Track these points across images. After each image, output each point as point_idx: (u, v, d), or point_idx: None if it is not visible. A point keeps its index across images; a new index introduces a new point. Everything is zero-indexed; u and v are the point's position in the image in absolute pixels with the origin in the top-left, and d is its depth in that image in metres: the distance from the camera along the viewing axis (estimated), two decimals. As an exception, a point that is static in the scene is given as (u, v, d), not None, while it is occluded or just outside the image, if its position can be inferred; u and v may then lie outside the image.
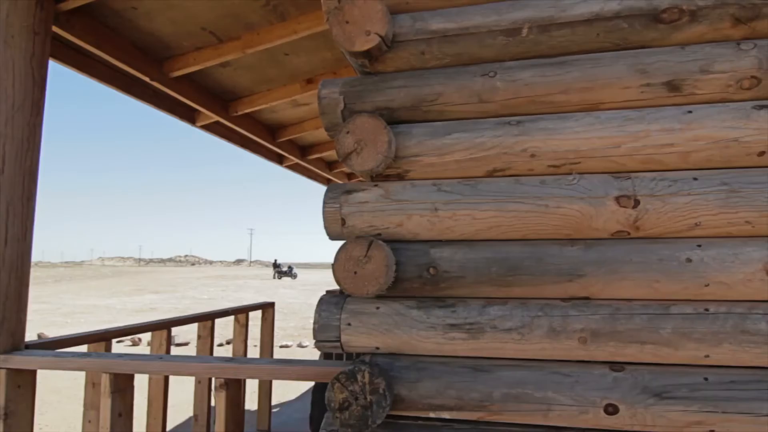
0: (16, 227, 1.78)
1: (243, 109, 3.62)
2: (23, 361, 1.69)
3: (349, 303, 1.24)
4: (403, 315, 1.20)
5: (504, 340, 1.15)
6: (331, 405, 1.12)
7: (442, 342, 1.17)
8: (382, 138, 1.19)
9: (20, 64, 1.82)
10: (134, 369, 1.56)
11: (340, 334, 1.22)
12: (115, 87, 2.93)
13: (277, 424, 3.96)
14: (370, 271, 1.16)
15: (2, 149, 1.78)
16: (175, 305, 17.31)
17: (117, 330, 2.30)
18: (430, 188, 1.22)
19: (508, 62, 1.24)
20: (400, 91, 1.26)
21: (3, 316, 1.74)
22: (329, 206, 1.25)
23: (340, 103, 1.28)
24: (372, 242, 1.17)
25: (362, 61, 1.28)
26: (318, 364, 1.47)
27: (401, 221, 1.22)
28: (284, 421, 4.13)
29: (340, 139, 1.21)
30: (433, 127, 1.24)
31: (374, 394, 1.11)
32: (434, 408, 1.16)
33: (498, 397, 1.13)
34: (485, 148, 1.20)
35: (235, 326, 3.46)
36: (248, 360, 1.51)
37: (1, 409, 1.70)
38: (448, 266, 1.19)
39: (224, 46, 2.83)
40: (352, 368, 1.13)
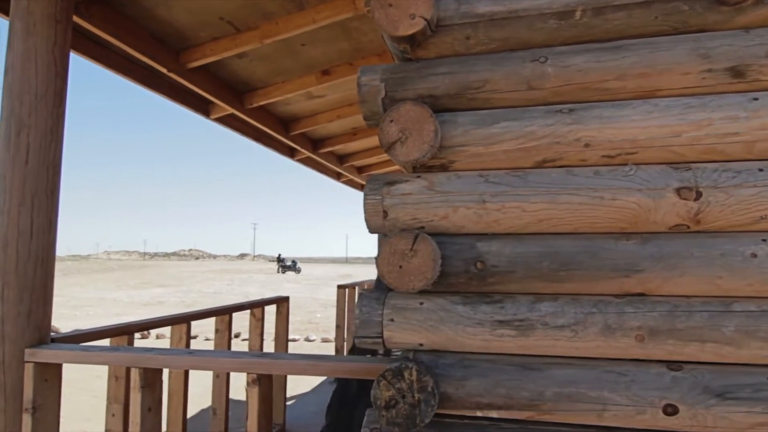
0: (41, 219, 1.75)
1: (258, 101, 3.57)
2: (51, 355, 1.66)
3: (391, 298, 1.19)
4: (448, 311, 1.16)
5: (556, 337, 1.10)
6: (377, 403, 1.08)
7: (490, 339, 1.13)
8: (428, 127, 1.14)
9: (42, 53, 1.78)
10: (165, 364, 1.53)
11: (382, 330, 1.18)
12: (131, 78, 2.88)
13: (291, 418, 3.93)
14: (416, 265, 1.11)
15: (26, 140, 1.74)
16: (182, 299, 17.39)
17: (139, 324, 2.27)
18: (477, 179, 1.18)
19: (559, 47, 1.18)
20: (445, 78, 1.21)
21: (29, 309, 1.71)
22: (370, 198, 1.20)
23: (380, 90, 1.23)
24: (418, 235, 1.12)
25: (404, 47, 1.23)
26: (352, 360, 1.43)
27: (446, 213, 1.17)
28: (298, 415, 4.11)
29: (383, 128, 1.17)
30: (480, 116, 1.19)
31: (422, 392, 1.07)
32: (482, 407, 1.12)
33: (550, 396, 1.09)
34: (536, 138, 1.15)
35: (251, 320, 3.43)
36: (281, 355, 1.48)
37: (30, 403, 1.67)
38: (497, 261, 1.14)
39: (241, 36, 2.79)
40: (398, 365, 1.09)
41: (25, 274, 1.71)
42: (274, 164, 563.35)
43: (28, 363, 1.69)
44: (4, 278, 1.69)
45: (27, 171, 1.73)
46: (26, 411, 1.68)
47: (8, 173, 1.72)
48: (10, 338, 1.68)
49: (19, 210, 1.71)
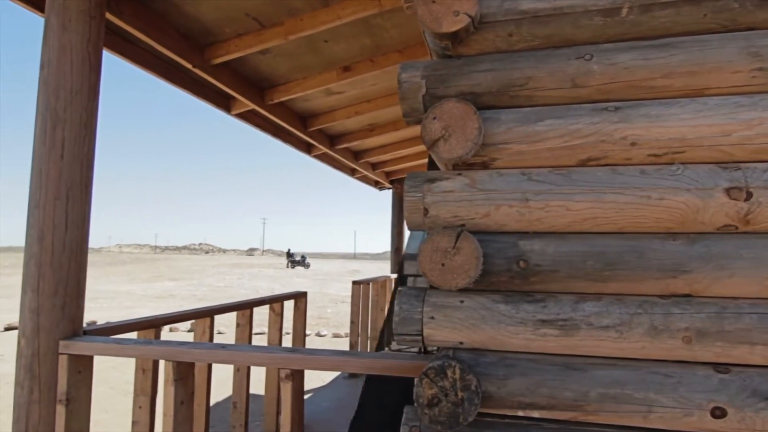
0: (75, 213, 1.77)
1: (278, 97, 3.58)
2: (85, 347, 1.69)
3: (431, 296, 1.19)
4: (489, 309, 1.15)
5: (600, 338, 1.09)
6: (420, 401, 1.08)
7: (532, 338, 1.13)
8: (472, 124, 1.13)
9: (77, 49, 1.80)
10: (199, 358, 1.54)
11: (422, 327, 1.18)
12: (156, 74, 2.90)
13: (307, 413, 3.96)
14: (459, 263, 1.11)
15: (62, 134, 1.76)
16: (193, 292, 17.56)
17: (165, 317, 2.30)
18: (520, 177, 1.17)
19: (604, 44, 1.17)
20: (487, 75, 1.20)
21: (64, 302, 1.74)
22: (411, 195, 1.20)
23: (421, 87, 1.23)
24: (461, 233, 1.12)
25: (446, 44, 1.23)
26: (386, 357, 1.43)
27: (488, 211, 1.17)
28: (313, 410, 4.14)
29: (426, 125, 1.16)
30: (523, 113, 1.18)
31: (466, 390, 1.07)
32: (524, 406, 1.12)
33: (594, 397, 1.08)
34: (581, 136, 1.13)
35: (270, 315, 3.45)
36: (315, 351, 1.48)
37: (64, 395, 1.70)
38: (540, 259, 1.13)
39: (266, 33, 2.79)
40: (441, 363, 1.09)
41: (60, 266, 1.73)
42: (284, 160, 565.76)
43: (63, 355, 1.72)
44: (39, 270, 1.71)
45: (62, 165, 1.76)
46: (60, 402, 1.71)
47: (44, 167, 1.74)
48: (45, 330, 1.71)
49: (54, 203, 1.73)
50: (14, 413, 1.72)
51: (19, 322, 1.74)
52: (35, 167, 1.76)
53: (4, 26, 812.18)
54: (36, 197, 1.74)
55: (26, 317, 1.71)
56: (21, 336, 1.72)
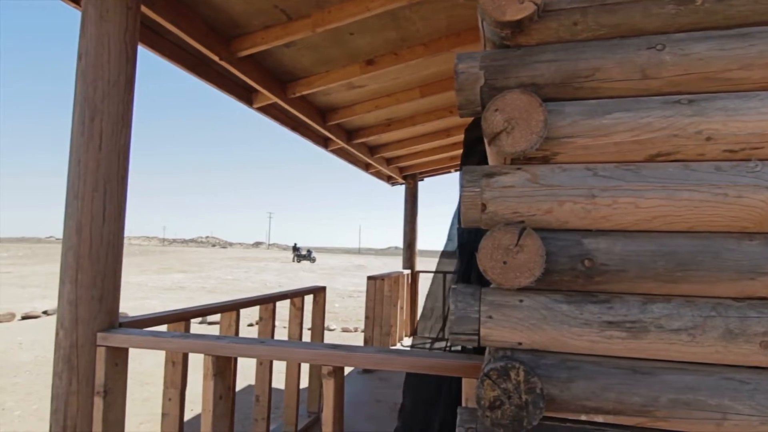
0: (113, 205, 1.75)
1: (301, 90, 3.55)
2: (123, 340, 1.67)
3: (488, 295, 1.15)
4: (551, 309, 1.11)
5: (671, 341, 1.05)
6: (481, 402, 1.05)
7: (597, 340, 1.08)
8: (537, 117, 1.09)
9: (115, 40, 1.77)
10: (239, 352, 1.52)
11: (479, 327, 1.14)
12: (182, 66, 2.88)
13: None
14: (522, 261, 1.07)
15: (99, 125, 1.74)
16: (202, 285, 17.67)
17: (195, 310, 2.28)
18: (585, 173, 1.12)
19: (676, 34, 1.11)
20: (550, 65, 1.15)
21: (101, 294, 1.72)
22: (468, 190, 1.16)
23: (479, 78, 1.18)
24: (524, 230, 1.08)
25: (506, 33, 1.18)
26: (430, 356, 1.40)
27: (551, 208, 1.13)
28: (332, 405, 4.12)
29: (487, 117, 1.12)
30: (589, 106, 1.13)
31: (530, 393, 1.03)
32: (588, 410, 1.08)
33: (665, 402, 1.04)
34: (652, 130, 1.09)
35: (291, 309, 3.44)
36: (356, 348, 1.46)
37: (101, 387, 1.69)
38: (606, 259, 1.09)
39: (293, 25, 2.76)
40: (504, 365, 1.05)
41: (98, 258, 1.72)
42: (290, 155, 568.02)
43: (100, 347, 1.70)
44: (78, 262, 1.70)
45: (100, 157, 1.74)
46: (98, 394, 1.70)
47: (83, 158, 1.73)
48: (84, 322, 1.70)
49: (92, 195, 1.72)
50: (52, 404, 1.71)
51: (57, 313, 1.73)
52: (73, 158, 1.74)
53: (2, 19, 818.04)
54: (75, 188, 1.72)
55: (65, 308, 1.70)
56: (59, 327, 1.71)
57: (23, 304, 11.20)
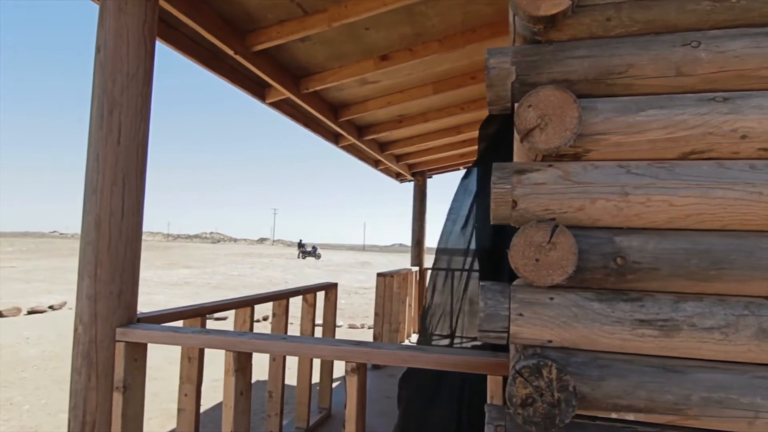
0: (131, 200, 1.75)
1: (314, 86, 3.54)
2: (143, 335, 1.67)
3: (518, 292, 1.15)
4: (582, 307, 1.11)
5: (703, 339, 1.04)
6: (513, 400, 1.04)
7: (629, 338, 1.08)
8: (571, 113, 1.08)
9: (134, 32, 1.76)
10: (261, 349, 1.52)
11: (509, 324, 1.13)
12: (196, 60, 2.87)
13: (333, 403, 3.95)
14: (555, 258, 1.06)
15: (118, 119, 1.73)
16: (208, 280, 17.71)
17: (211, 306, 2.28)
18: (617, 170, 1.11)
19: (711, 31, 1.10)
20: (583, 61, 1.14)
21: (120, 289, 1.72)
22: (499, 187, 1.15)
23: (511, 74, 1.17)
24: (557, 227, 1.07)
25: (539, 28, 1.17)
26: (456, 353, 1.40)
27: (582, 205, 1.12)
28: (340, 400, 4.12)
29: (520, 113, 1.11)
30: (622, 102, 1.12)
31: (563, 391, 1.03)
32: (619, 409, 1.07)
33: (697, 400, 1.03)
34: (687, 127, 1.07)
35: (303, 306, 3.44)
36: (380, 345, 1.45)
37: (120, 382, 1.69)
38: (639, 257, 1.08)
39: (309, 19, 2.74)
40: (536, 362, 1.04)
41: (116, 254, 1.72)
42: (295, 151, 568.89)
43: (120, 342, 1.70)
44: (97, 257, 1.70)
45: (119, 151, 1.73)
46: (117, 390, 1.70)
47: (101, 152, 1.72)
48: (102, 317, 1.70)
49: (111, 190, 1.71)
50: (71, 399, 1.71)
51: (75, 308, 1.73)
52: (91, 152, 1.74)
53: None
54: (93, 182, 1.72)
55: (84, 304, 1.70)
56: (78, 322, 1.71)
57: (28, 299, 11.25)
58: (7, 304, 10.32)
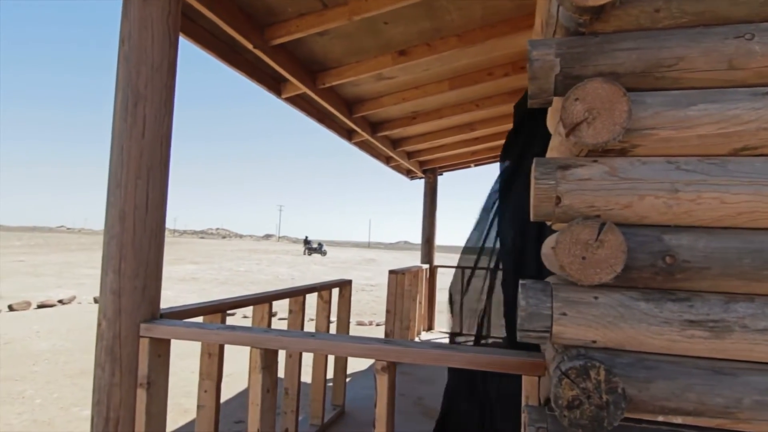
0: (155, 193, 1.73)
1: (330, 81, 3.51)
2: (168, 331, 1.65)
3: (560, 291, 1.11)
4: (628, 307, 1.07)
5: (755, 341, 1.01)
6: (558, 402, 1.01)
7: (678, 339, 1.04)
8: (620, 107, 1.04)
9: (158, 23, 1.74)
10: (288, 346, 1.50)
11: (551, 324, 1.10)
12: (213, 53, 2.85)
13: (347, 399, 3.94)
14: (603, 257, 1.03)
15: (143, 112, 1.71)
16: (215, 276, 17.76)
17: (230, 302, 2.26)
18: (666, 166, 1.08)
19: (765, 23, 1.06)
20: (631, 53, 1.11)
21: (144, 284, 1.70)
22: (542, 182, 1.12)
23: (555, 66, 1.14)
24: (604, 224, 1.04)
25: (584, 19, 1.13)
26: (490, 353, 1.37)
27: (630, 202, 1.08)
28: (353, 397, 4.12)
29: (566, 107, 1.07)
30: (672, 96, 1.08)
31: (611, 393, 0.99)
32: (667, 411, 1.04)
33: (749, 404, 1.00)
34: (741, 123, 1.04)
35: (319, 302, 3.42)
36: (410, 343, 1.42)
37: (144, 378, 1.68)
38: (689, 256, 1.05)
39: (329, 13, 2.70)
40: (583, 364, 1.01)
41: (141, 248, 1.70)
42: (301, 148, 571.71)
43: (144, 338, 1.69)
44: (121, 252, 1.68)
45: (143, 144, 1.71)
46: (141, 386, 1.69)
47: (126, 145, 1.70)
48: (127, 312, 1.68)
49: (136, 183, 1.69)
50: (94, 395, 1.70)
51: (99, 303, 1.72)
52: (116, 145, 1.72)
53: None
54: (117, 176, 1.70)
55: (107, 299, 1.68)
56: (101, 317, 1.69)
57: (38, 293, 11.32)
58: (17, 298, 10.40)
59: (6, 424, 4.34)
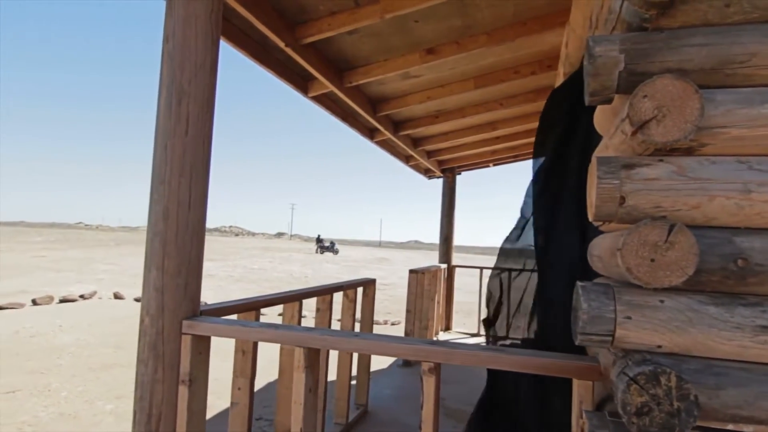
0: (197, 191, 1.73)
1: (357, 79, 3.49)
2: (209, 329, 1.66)
3: (624, 294, 1.08)
4: (697, 311, 1.04)
5: (835, 349, 0.97)
6: (627, 409, 0.98)
7: (749, 346, 1.01)
8: (692, 104, 1.01)
9: (202, 20, 1.74)
10: (332, 345, 1.48)
11: (614, 327, 1.07)
12: (246, 52, 2.86)
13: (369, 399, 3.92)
14: (673, 259, 1.00)
15: (186, 109, 1.71)
16: (230, 273, 17.91)
17: (263, 300, 2.26)
18: (737, 166, 1.04)
19: None
20: (701, 50, 1.07)
21: (186, 282, 1.71)
22: (606, 182, 1.09)
23: (619, 62, 1.11)
24: (674, 225, 1.00)
25: (651, 14, 1.10)
26: (542, 356, 1.34)
27: (699, 203, 1.05)
28: (375, 396, 4.11)
29: (634, 104, 1.04)
30: (744, 94, 1.05)
31: (683, 400, 0.96)
32: (738, 420, 1.01)
33: (828, 415, 0.96)
34: (820, 121, 1.00)
35: (344, 301, 3.41)
36: (458, 345, 1.40)
37: (186, 375, 1.68)
38: (762, 258, 1.01)
39: (361, 11, 2.69)
40: (653, 369, 0.98)
41: (183, 245, 1.70)
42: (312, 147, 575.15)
43: (186, 335, 1.69)
44: (164, 249, 1.68)
45: (186, 141, 1.71)
46: (183, 383, 1.69)
47: (169, 143, 1.71)
48: (169, 309, 1.69)
49: (179, 181, 1.70)
50: (137, 391, 1.71)
51: (142, 299, 1.72)
52: (160, 142, 1.72)
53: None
54: (161, 173, 1.71)
55: (150, 296, 1.69)
56: (144, 314, 1.70)
57: (59, 288, 11.52)
58: (40, 292, 10.60)
59: (34, 417, 4.41)
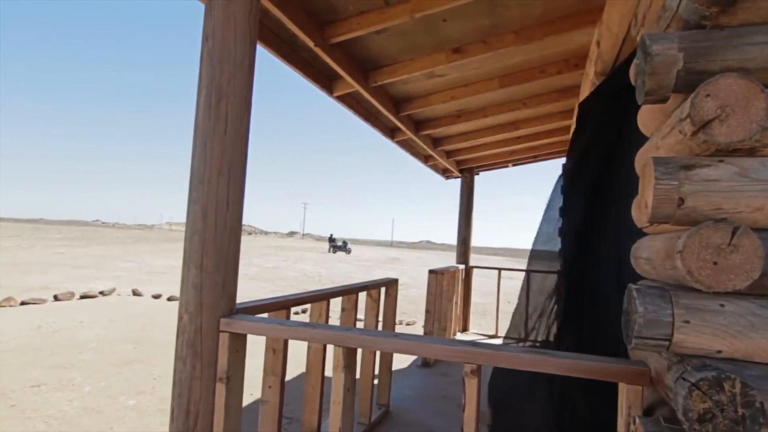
0: (235, 190, 1.74)
1: (383, 79, 3.49)
2: (247, 326, 1.66)
3: (681, 297, 1.06)
4: (759, 316, 1.01)
5: None
6: (689, 415, 0.96)
7: (816, 352, 0.98)
8: (758, 104, 0.98)
9: (241, 21, 1.75)
10: (371, 345, 1.48)
11: (672, 332, 1.05)
12: (275, 52, 2.87)
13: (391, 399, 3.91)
14: (737, 262, 0.97)
15: (225, 109, 1.72)
16: (245, 272, 18.05)
17: (294, 299, 2.27)
18: (804, 167, 1.01)
19: None
20: (764, 48, 1.04)
21: (224, 280, 1.72)
22: (664, 183, 1.07)
23: (677, 61, 1.08)
24: (738, 228, 0.98)
25: (712, 11, 1.07)
26: (589, 359, 1.32)
27: (762, 205, 1.02)
28: (395, 397, 4.10)
29: (696, 103, 1.02)
30: (811, 93, 1.02)
31: (748, 407, 0.94)
32: (804, 429, 0.98)
33: None
34: None
35: (368, 301, 3.41)
36: (501, 347, 1.39)
37: (224, 373, 1.69)
38: (831, 263, 0.98)
39: (390, 11, 2.68)
40: (716, 375, 0.96)
41: (221, 244, 1.71)
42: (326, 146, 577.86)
43: (223, 333, 1.70)
44: (203, 247, 1.70)
45: (225, 140, 1.72)
46: (220, 380, 1.70)
47: (209, 142, 1.72)
48: (208, 307, 1.70)
49: (218, 180, 1.71)
50: (175, 388, 1.72)
51: (180, 297, 1.74)
52: (199, 141, 1.74)
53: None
54: (200, 172, 1.72)
55: (189, 293, 1.70)
56: (183, 312, 1.72)
57: (79, 284, 11.72)
58: (61, 288, 10.80)
59: (60, 411, 4.49)
